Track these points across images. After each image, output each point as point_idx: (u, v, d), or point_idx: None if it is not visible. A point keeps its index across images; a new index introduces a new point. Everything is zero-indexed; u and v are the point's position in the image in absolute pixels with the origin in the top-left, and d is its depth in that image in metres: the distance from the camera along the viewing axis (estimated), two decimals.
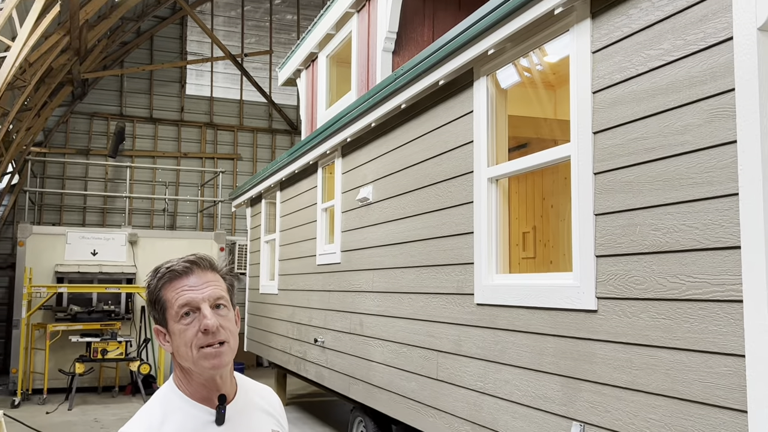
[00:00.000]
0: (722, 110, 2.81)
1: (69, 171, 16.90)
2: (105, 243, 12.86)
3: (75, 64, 14.58)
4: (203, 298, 1.65)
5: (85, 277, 12.44)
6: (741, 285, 2.68)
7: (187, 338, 1.62)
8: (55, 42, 12.03)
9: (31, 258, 12.28)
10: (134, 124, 17.54)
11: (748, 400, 2.62)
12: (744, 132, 2.70)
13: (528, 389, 3.94)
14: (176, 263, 1.70)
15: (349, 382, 6.71)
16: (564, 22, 3.79)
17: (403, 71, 5.25)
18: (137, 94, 17.73)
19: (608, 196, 3.43)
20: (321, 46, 8.67)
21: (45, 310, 12.07)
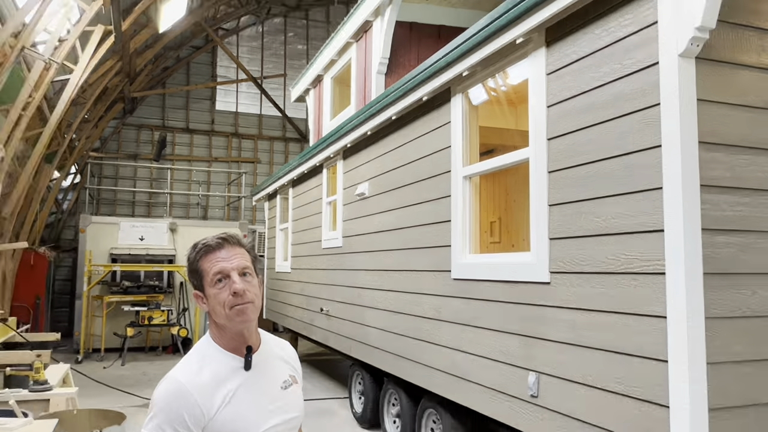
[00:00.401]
0: (650, 120, 2.81)
1: (121, 172, 16.86)
2: (150, 230, 12.86)
3: (126, 85, 14.50)
4: (233, 268, 1.67)
5: (134, 257, 12.44)
6: (664, 261, 2.70)
7: (220, 299, 1.65)
8: (110, 67, 11.96)
9: (90, 242, 12.29)
10: (174, 134, 17.47)
11: (669, 351, 2.65)
12: (667, 138, 2.72)
13: (494, 346, 3.95)
14: (211, 240, 1.72)
15: (349, 343, 6.73)
16: (524, 50, 3.79)
17: (393, 89, 5.25)
18: (176, 109, 17.65)
19: (559, 190, 3.43)
20: (326, 69, 8.64)
21: (102, 284, 12.07)
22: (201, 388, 1.61)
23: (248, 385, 1.68)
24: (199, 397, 1.59)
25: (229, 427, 1.61)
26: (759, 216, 2.79)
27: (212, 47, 17.98)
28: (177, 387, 1.60)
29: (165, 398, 1.59)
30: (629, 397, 2.86)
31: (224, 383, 1.65)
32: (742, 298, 2.72)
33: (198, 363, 1.67)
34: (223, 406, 1.62)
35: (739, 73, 2.82)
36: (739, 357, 2.67)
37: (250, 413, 1.66)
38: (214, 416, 1.60)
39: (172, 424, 1.56)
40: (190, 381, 1.61)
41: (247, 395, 1.67)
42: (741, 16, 2.84)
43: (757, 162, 2.81)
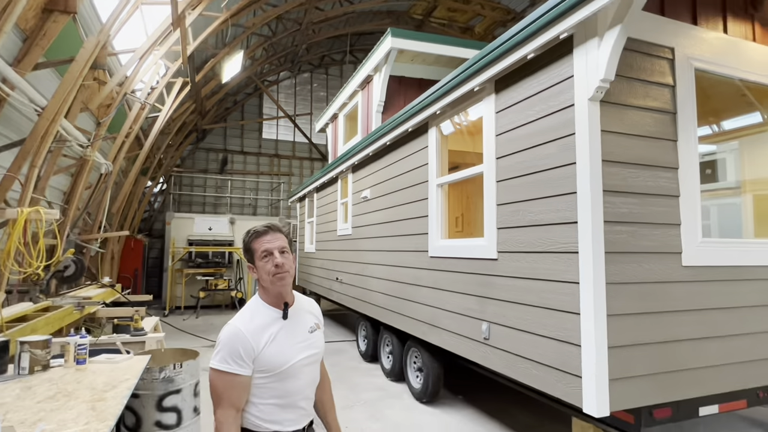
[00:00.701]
0: (568, 145, 2.82)
1: (195, 182, 16.78)
2: (216, 223, 12.83)
3: (198, 120, 14.43)
4: (275, 247, 1.69)
5: (204, 242, 12.41)
6: (577, 244, 2.71)
7: (266, 269, 1.67)
8: (187, 107, 11.91)
9: (174, 231, 12.26)
10: (232, 155, 17.38)
11: (580, 307, 2.67)
12: (579, 158, 2.73)
13: (458, 303, 3.97)
14: (259, 227, 1.74)
15: (356, 302, 6.73)
16: (479, 95, 3.80)
17: (388, 124, 5.26)
18: (234, 137, 17.55)
19: (504, 194, 3.43)
20: (340, 109, 8.64)
21: (182, 261, 12.03)
22: (252, 332, 1.62)
23: (285, 329, 1.70)
24: (250, 337, 1.61)
25: (272, 358, 1.63)
26: (643, 212, 2.80)
27: (259, 93, 17.88)
28: (235, 331, 1.62)
29: (227, 338, 1.61)
30: (553, 339, 2.87)
31: (268, 328, 1.66)
32: (632, 269, 2.72)
33: (250, 314, 1.69)
34: (267, 344, 1.63)
35: (629, 112, 2.82)
36: (629, 311, 2.68)
37: (287, 349, 1.67)
38: (262, 350, 1.62)
39: (231, 356, 1.58)
40: (244, 327, 1.63)
41: (285, 336, 1.68)
42: (631, 73, 2.85)
43: (642, 174, 2.82)
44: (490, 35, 14.84)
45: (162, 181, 15.71)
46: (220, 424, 1.55)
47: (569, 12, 2.65)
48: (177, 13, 6.84)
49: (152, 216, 16.06)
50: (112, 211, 9.49)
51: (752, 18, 3.35)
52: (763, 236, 4.54)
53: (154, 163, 11.94)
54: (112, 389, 2.43)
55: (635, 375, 2.65)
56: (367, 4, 13.62)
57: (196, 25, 9.04)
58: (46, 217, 3.86)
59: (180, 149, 15.37)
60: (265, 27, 12.88)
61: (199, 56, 10.78)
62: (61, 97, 5.15)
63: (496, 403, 4.79)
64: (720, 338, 2.92)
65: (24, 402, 2.22)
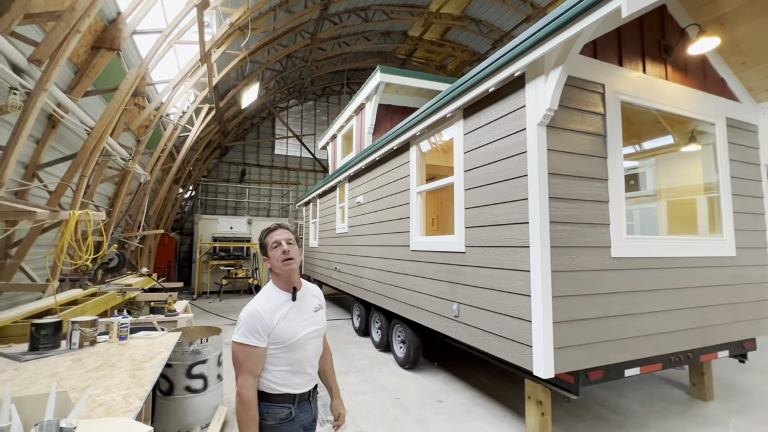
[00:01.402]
0: (521, 161, 2.84)
1: (219, 189, 16.56)
2: (236, 223, 12.64)
3: (222, 138, 14.25)
4: (282, 239, 1.70)
5: (226, 239, 12.24)
6: (528, 240, 2.73)
7: (276, 257, 1.67)
8: (212, 128, 11.76)
9: (201, 230, 12.06)
10: (250, 168, 17.17)
11: (531, 290, 2.69)
12: (530, 171, 2.75)
13: (433, 288, 3.96)
14: (272, 225, 1.74)
15: (351, 287, 6.70)
16: (452, 120, 3.80)
17: (377, 143, 5.24)
18: (251, 153, 17.34)
19: (471, 199, 3.44)
20: (339, 130, 8.61)
21: (207, 254, 11.85)
22: (267, 311, 1.61)
23: (294, 309, 1.69)
24: (266, 316, 1.60)
25: (284, 333, 1.62)
26: (580, 214, 2.84)
27: (272, 117, 17.71)
28: (253, 311, 1.61)
29: (247, 317, 1.60)
30: (509, 316, 2.88)
31: (280, 308, 1.66)
32: (571, 260, 2.76)
33: (265, 297, 1.68)
34: (279, 321, 1.62)
35: (569, 135, 2.86)
36: (569, 293, 2.71)
37: (295, 325, 1.67)
38: (275, 326, 1.61)
39: (251, 331, 1.57)
40: (261, 307, 1.62)
41: (294, 315, 1.68)
42: (570, 103, 2.89)
43: (578, 184, 2.86)
44: (460, 72, 14.95)
45: (191, 188, 15.47)
46: (242, 388, 1.54)
47: (522, 55, 2.69)
48: (204, 51, 6.76)
49: (183, 217, 15.81)
50: (149, 213, 9.31)
51: (665, 61, 3.43)
52: (675, 233, 4.65)
53: (184, 174, 11.74)
54: (149, 360, 2.39)
55: (574, 344, 2.69)
56: (360, 46, 13.63)
57: (220, 61, 8.94)
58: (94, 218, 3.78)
59: (206, 162, 15.16)
60: (277, 63, 12.80)
61: (222, 86, 10.66)
62: (107, 119, 5.05)
63: (465, 369, 4.80)
64: (641, 315, 2.98)
65: (75, 372, 2.16)
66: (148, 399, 2.47)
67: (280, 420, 1.60)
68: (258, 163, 17.46)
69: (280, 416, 1.60)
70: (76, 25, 3.63)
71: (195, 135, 9.43)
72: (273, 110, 17.01)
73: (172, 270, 13.10)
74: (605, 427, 3.30)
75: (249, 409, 1.52)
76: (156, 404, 3.04)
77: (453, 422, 3.36)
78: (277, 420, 1.60)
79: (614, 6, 2.11)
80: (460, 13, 12.18)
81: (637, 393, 4.04)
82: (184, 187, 13.48)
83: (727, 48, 3.60)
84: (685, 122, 3.86)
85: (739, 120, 3.79)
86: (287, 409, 1.62)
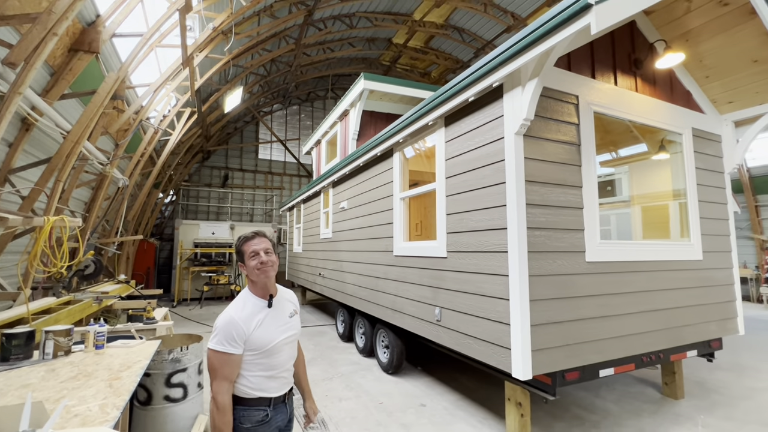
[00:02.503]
0: (499, 168, 2.90)
1: (200, 194, 16.26)
2: (218, 228, 12.42)
3: (204, 143, 14.05)
4: (260, 248, 1.71)
5: (208, 244, 12.00)
6: (507, 245, 2.80)
7: (252, 265, 1.68)
8: (194, 132, 11.58)
9: (182, 235, 11.78)
10: (233, 172, 16.95)
11: (510, 294, 2.75)
12: (508, 178, 2.83)
13: (416, 293, 3.98)
14: (248, 234, 1.75)
15: (335, 293, 6.67)
16: (434, 127, 3.85)
17: (361, 149, 5.28)
18: (234, 157, 17.12)
19: (452, 206, 3.48)
20: (323, 136, 8.61)
21: (188, 260, 11.60)
22: (243, 319, 1.62)
23: (270, 316, 1.70)
24: (242, 323, 1.61)
25: (260, 339, 1.63)
26: (556, 220, 2.92)
27: (256, 121, 17.56)
28: (229, 318, 1.61)
29: (223, 324, 1.60)
30: (489, 320, 2.94)
31: (257, 315, 1.67)
32: (548, 264, 2.84)
33: (242, 304, 1.69)
34: (256, 328, 1.63)
35: (545, 143, 2.95)
36: (546, 297, 2.79)
37: (272, 331, 1.68)
38: (252, 333, 1.62)
39: (227, 339, 1.57)
40: (237, 315, 1.63)
41: (270, 321, 1.69)
42: (546, 113, 2.99)
43: (554, 191, 2.95)
44: (443, 79, 15.19)
45: (172, 193, 15.16)
46: (217, 394, 1.54)
47: (500, 66, 2.78)
48: (186, 55, 6.69)
49: (163, 222, 15.45)
50: (127, 218, 9.08)
51: (635, 74, 3.60)
52: (647, 238, 4.84)
53: (165, 178, 11.51)
54: (127, 369, 2.35)
55: (551, 346, 2.76)
56: (345, 52, 13.70)
57: (202, 65, 8.85)
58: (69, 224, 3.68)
59: (188, 167, 14.89)
60: (261, 68, 12.74)
61: (205, 90, 10.54)
62: (84, 123, 4.94)
63: (447, 372, 4.85)
64: (614, 317, 3.09)
65: (48, 382, 2.11)
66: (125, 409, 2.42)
67: (257, 422, 1.61)
68: (241, 168, 17.26)
69: (256, 419, 1.61)
70: (53, 27, 3.56)
71: (176, 139, 9.28)
72: (257, 114, 16.89)
73: (151, 277, 12.78)
74: (582, 426, 3.39)
75: (224, 414, 1.53)
76: (133, 415, 2.97)
77: (436, 426, 3.39)
78: (254, 423, 1.61)
79: (585, 23, 2.22)
80: (443, 22, 12.41)
81: (612, 393, 4.16)
82: (165, 192, 13.20)
83: (692, 62, 3.81)
84: (655, 132, 4.05)
85: (704, 130, 3.99)
86: (263, 412, 1.63)
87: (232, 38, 8.20)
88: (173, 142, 9.26)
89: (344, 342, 6.44)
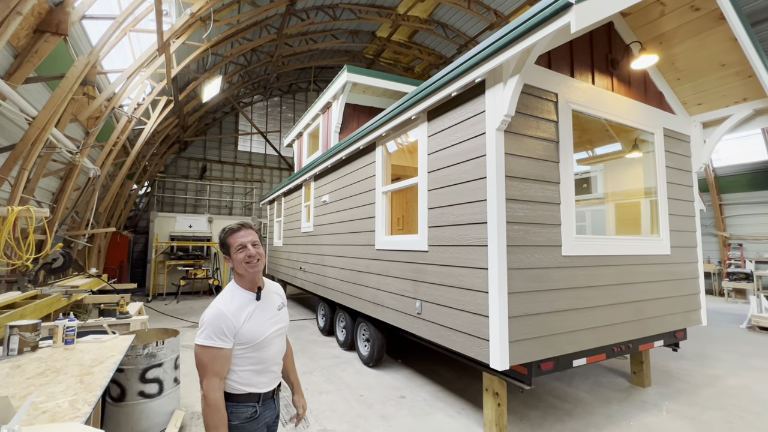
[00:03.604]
0: (480, 164, 2.95)
1: (177, 185, 15.80)
2: (196, 221, 12.10)
3: (181, 133, 13.62)
4: (248, 241, 1.67)
5: (185, 237, 11.68)
6: (487, 239, 2.85)
7: (240, 259, 1.64)
8: (171, 122, 11.21)
9: (157, 228, 11.42)
10: (211, 164, 16.52)
11: (489, 287, 2.81)
12: (489, 173, 2.87)
13: (398, 286, 4.00)
14: (234, 225, 1.71)
15: (316, 287, 6.64)
16: (416, 122, 3.86)
17: (344, 142, 5.24)
18: (213, 149, 16.69)
19: (434, 200, 3.51)
20: (305, 128, 8.49)
21: (164, 254, 11.27)
22: (232, 311, 1.60)
23: (259, 309, 1.68)
24: (231, 317, 1.58)
25: (250, 333, 1.62)
26: (534, 215, 3.00)
27: (236, 112, 17.15)
28: (218, 311, 1.58)
29: (211, 318, 1.57)
30: (468, 312, 2.99)
31: (245, 308, 1.64)
32: (526, 258, 2.91)
33: (230, 297, 1.66)
34: (245, 321, 1.61)
35: (525, 140, 3.01)
36: (524, 289, 2.86)
37: (261, 324, 1.66)
38: (241, 326, 1.60)
39: (216, 333, 1.55)
40: (225, 307, 1.60)
41: (259, 314, 1.67)
42: (526, 110, 3.04)
43: (533, 187, 3.02)
44: (427, 74, 15.22)
45: (147, 184, 14.65)
46: (208, 391, 1.51)
47: (482, 62, 2.81)
48: (162, 41, 6.45)
49: (137, 215, 14.95)
50: (99, 210, 8.73)
51: (612, 74, 3.71)
52: (620, 233, 5.02)
53: (139, 169, 11.11)
54: (99, 365, 2.27)
55: (528, 338, 2.84)
56: (328, 44, 13.51)
57: (179, 52, 8.56)
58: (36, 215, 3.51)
59: (164, 157, 14.42)
60: (241, 57, 12.41)
61: (182, 78, 10.20)
62: (52, 109, 4.70)
63: (427, 364, 4.92)
64: (587, 309, 3.20)
65: (13, 379, 2.02)
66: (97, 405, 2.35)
67: (245, 419, 1.59)
68: (220, 160, 16.85)
69: (245, 415, 1.59)
70: (16, 6, 3.36)
71: (151, 128, 8.95)
72: (236, 105, 16.48)
73: (124, 270, 12.38)
74: (555, 414, 3.52)
75: (217, 411, 1.50)
76: (106, 411, 2.89)
77: (415, 417, 3.45)
78: (242, 419, 1.59)
79: (565, 21, 2.26)
80: (427, 17, 12.40)
81: (584, 382, 4.33)
82: (139, 183, 12.76)
83: (665, 65, 3.95)
84: (629, 131, 4.19)
85: (675, 131, 4.16)
86: (252, 408, 1.61)
87: (211, 25, 7.96)
88: (148, 132, 8.94)
89: (325, 336, 6.43)
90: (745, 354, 5.51)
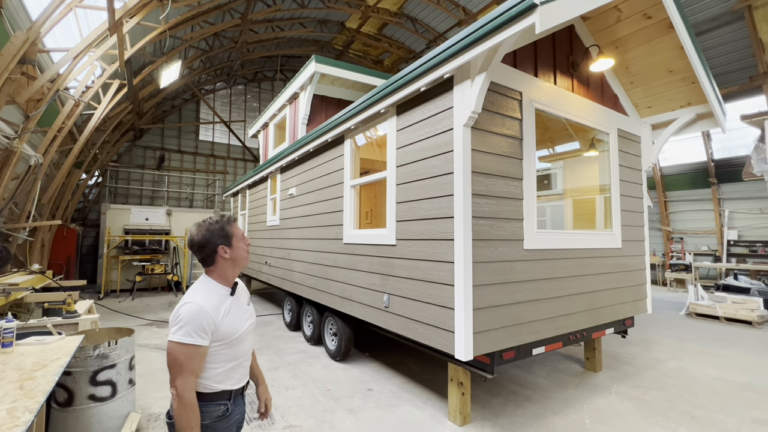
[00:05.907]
0: (448, 159, 2.99)
1: (132, 176, 14.86)
2: (153, 214, 11.44)
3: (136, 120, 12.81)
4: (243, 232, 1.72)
5: (141, 231, 11.02)
6: (453, 233, 2.90)
7: (243, 248, 1.69)
8: (124, 107, 10.50)
9: (109, 221, 10.71)
10: (170, 154, 15.67)
11: (455, 280, 2.87)
12: (456, 169, 2.92)
13: (366, 280, 4.01)
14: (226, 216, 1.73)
15: (282, 281, 6.53)
16: (385, 116, 3.86)
17: (312, 134, 5.14)
18: (171, 137, 15.82)
19: (402, 194, 3.52)
20: (271, 119, 8.25)
21: (118, 248, 10.60)
22: (212, 307, 1.56)
23: (234, 304, 1.67)
24: (211, 312, 1.55)
25: (227, 328, 1.60)
26: (498, 210, 3.08)
27: (197, 100, 16.34)
28: (199, 308, 1.52)
29: (191, 314, 1.51)
30: (435, 305, 3.04)
31: (223, 303, 1.62)
32: (490, 252, 2.99)
33: (208, 293, 1.61)
34: (224, 316, 1.59)
35: (491, 136, 3.09)
36: (488, 282, 2.95)
37: (238, 319, 1.65)
38: (220, 322, 1.57)
39: (195, 330, 1.50)
40: (205, 303, 1.55)
41: (235, 309, 1.66)
42: (492, 108, 3.11)
43: (498, 183, 3.10)
44: (396, 68, 15.21)
45: (97, 174, 13.66)
46: (183, 390, 1.45)
47: (451, 58, 2.84)
48: (114, 20, 5.99)
49: (87, 207, 13.93)
50: (42, 201, 8.05)
51: (572, 76, 3.87)
52: (577, 228, 5.29)
53: (89, 158, 10.33)
54: (42, 368, 2.11)
55: (491, 329, 2.94)
56: (296, 32, 13.14)
57: (134, 33, 8.00)
58: None
59: (117, 145, 13.51)
60: (202, 41, 11.81)
61: (136, 61, 9.56)
62: None
63: (394, 357, 4.98)
64: (546, 300, 3.36)
65: None
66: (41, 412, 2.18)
67: (217, 417, 1.55)
68: (180, 149, 16.04)
69: (216, 414, 1.56)
70: None
71: (102, 114, 8.34)
72: (197, 92, 15.71)
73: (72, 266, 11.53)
74: (516, 400, 3.68)
75: (192, 410, 1.45)
76: (51, 418, 2.69)
77: (382, 408, 3.48)
78: (213, 418, 1.55)
79: (530, 22, 2.32)
80: (397, 10, 12.36)
81: (542, 369, 4.56)
82: (89, 173, 11.88)
83: (620, 68, 4.18)
84: (587, 131, 4.41)
85: (627, 131, 4.42)
86: (224, 406, 1.58)
87: (169, 5, 7.49)
88: (98, 117, 8.32)
89: (291, 331, 6.34)
90: (683, 338, 6.01)
